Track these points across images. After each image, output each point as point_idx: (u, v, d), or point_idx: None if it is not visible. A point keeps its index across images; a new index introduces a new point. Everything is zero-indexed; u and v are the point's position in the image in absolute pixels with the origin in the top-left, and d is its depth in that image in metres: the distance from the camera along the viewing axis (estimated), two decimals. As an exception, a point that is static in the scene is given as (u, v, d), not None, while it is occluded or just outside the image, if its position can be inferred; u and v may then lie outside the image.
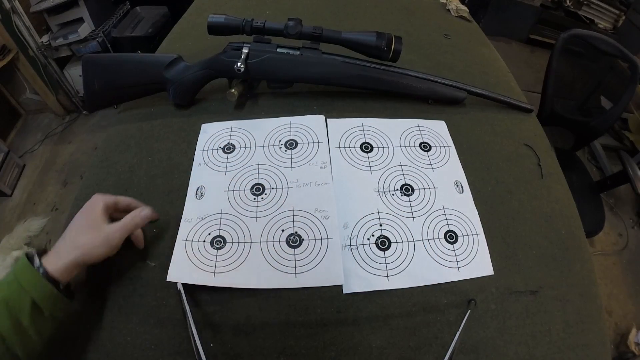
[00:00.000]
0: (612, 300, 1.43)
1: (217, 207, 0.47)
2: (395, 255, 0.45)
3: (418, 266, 0.44)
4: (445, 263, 0.45)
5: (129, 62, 0.59)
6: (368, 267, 0.44)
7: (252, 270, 0.43)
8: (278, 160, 0.52)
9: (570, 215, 0.51)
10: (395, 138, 0.56)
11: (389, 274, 0.43)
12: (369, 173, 0.52)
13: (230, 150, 0.53)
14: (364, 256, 0.45)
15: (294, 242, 0.45)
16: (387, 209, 0.48)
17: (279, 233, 0.45)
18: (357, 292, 0.42)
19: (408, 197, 0.50)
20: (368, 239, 0.46)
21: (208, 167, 0.52)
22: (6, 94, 1.99)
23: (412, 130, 0.57)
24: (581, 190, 1.18)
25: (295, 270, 0.43)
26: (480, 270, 0.45)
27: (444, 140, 0.57)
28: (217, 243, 0.44)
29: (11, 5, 1.64)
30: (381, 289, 0.43)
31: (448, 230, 0.47)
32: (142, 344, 0.40)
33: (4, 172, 1.73)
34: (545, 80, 1.14)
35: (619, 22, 2.17)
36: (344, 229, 0.46)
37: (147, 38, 1.85)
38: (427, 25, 0.83)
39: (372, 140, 0.55)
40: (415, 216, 0.48)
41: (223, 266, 0.43)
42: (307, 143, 0.54)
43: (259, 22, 0.53)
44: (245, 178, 0.50)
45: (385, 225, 0.47)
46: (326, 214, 0.47)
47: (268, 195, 0.48)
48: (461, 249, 0.46)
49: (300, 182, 0.50)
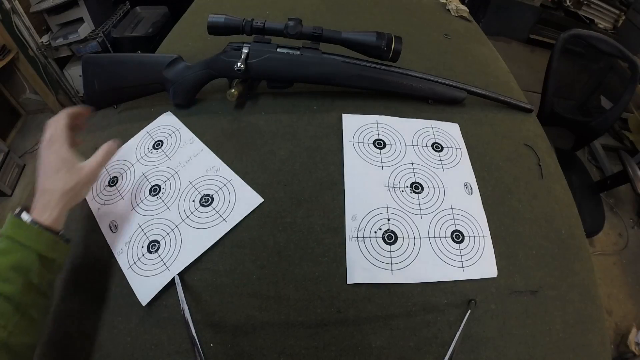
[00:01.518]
0: (612, 300, 1.43)
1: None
2: (401, 251, 0.45)
3: (423, 263, 0.45)
4: (450, 262, 0.45)
5: (129, 62, 0.59)
6: (373, 260, 0.44)
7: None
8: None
9: (570, 215, 0.51)
10: (408, 137, 0.57)
11: (394, 268, 0.44)
12: (380, 169, 0.52)
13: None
14: (370, 249, 0.45)
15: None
16: (396, 204, 0.49)
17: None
18: (360, 283, 0.43)
19: (417, 195, 0.50)
20: (375, 232, 0.46)
21: None
22: (6, 94, 1.99)
23: (425, 131, 0.58)
24: (581, 190, 1.18)
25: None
26: (484, 271, 0.45)
27: (457, 143, 0.57)
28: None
29: (11, 5, 1.64)
30: (385, 282, 0.43)
31: (455, 230, 0.47)
32: (142, 344, 0.40)
33: (4, 172, 1.73)
34: (545, 80, 1.14)
35: (619, 22, 2.17)
36: (352, 220, 0.47)
37: (147, 38, 1.85)
38: (427, 25, 0.83)
39: (385, 137, 0.56)
40: (423, 214, 0.48)
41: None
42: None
43: (259, 22, 0.53)
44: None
45: (393, 221, 0.47)
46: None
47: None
48: (467, 249, 0.46)
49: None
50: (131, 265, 0.45)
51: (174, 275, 0.43)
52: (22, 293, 0.34)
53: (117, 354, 0.40)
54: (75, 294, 0.44)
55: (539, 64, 2.24)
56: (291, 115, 0.59)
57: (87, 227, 0.50)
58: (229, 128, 0.58)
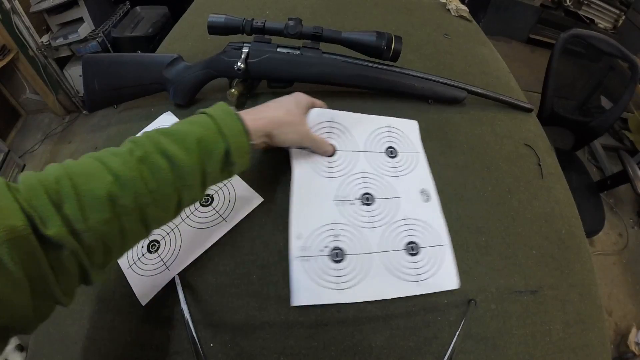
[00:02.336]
0: (612, 300, 1.43)
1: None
2: (350, 269, 0.43)
3: (373, 279, 0.42)
4: (403, 276, 0.43)
5: (129, 62, 0.59)
6: (319, 280, 0.42)
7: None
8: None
9: (570, 215, 0.51)
10: (361, 139, 0.53)
11: (341, 287, 0.42)
12: (328, 180, 0.49)
13: None
14: (315, 268, 0.42)
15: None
16: (345, 219, 0.46)
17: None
18: (305, 305, 0.41)
19: (368, 207, 0.47)
20: (321, 250, 0.43)
21: None
22: (6, 94, 1.99)
23: (381, 132, 0.54)
24: (581, 190, 1.18)
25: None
26: (443, 283, 0.43)
27: (413, 146, 0.54)
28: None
29: (11, 5, 1.64)
30: (331, 302, 0.41)
31: (409, 242, 0.45)
32: (142, 344, 0.40)
33: (4, 172, 1.73)
34: (545, 80, 1.14)
35: (619, 22, 2.17)
36: (297, 239, 0.44)
37: (147, 38, 1.85)
38: (427, 25, 0.83)
39: (337, 142, 0.51)
40: (375, 227, 0.46)
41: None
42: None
43: (259, 22, 0.53)
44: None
45: (341, 237, 0.45)
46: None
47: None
48: (423, 262, 0.44)
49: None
50: (131, 265, 0.45)
51: (174, 275, 0.43)
52: (191, 170, 0.33)
53: (117, 354, 0.40)
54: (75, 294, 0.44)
55: (539, 64, 2.23)
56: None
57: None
58: (229, 128, 0.58)
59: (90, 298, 0.44)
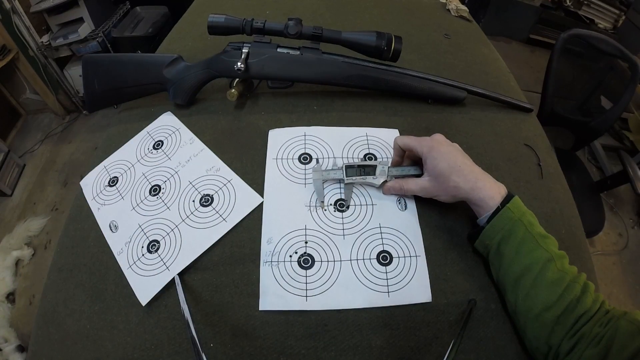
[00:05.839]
0: (612, 300, 1.42)
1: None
2: (318, 275, 0.42)
3: (342, 287, 0.42)
4: (373, 286, 0.42)
5: (129, 62, 0.59)
6: (286, 285, 0.42)
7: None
8: None
9: (570, 215, 0.51)
10: (337, 148, 0.53)
11: (308, 294, 0.41)
12: (302, 186, 0.49)
13: None
14: (283, 274, 0.43)
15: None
16: (316, 225, 0.46)
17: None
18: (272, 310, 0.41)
19: (341, 214, 0.47)
20: (290, 256, 0.44)
21: None
22: (6, 94, 1.99)
23: (358, 140, 0.54)
24: (581, 190, 1.18)
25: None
26: (415, 296, 0.42)
27: (392, 152, 0.52)
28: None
29: (11, 5, 1.64)
30: (298, 309, 0.41)
31: (382, 251, 0.44)
32: (142, 344, 0.40)
33: (4, 172, 1.73)
34: (545, 80, 1.14)
35: (619, 22, 2.17)
36: (267, 244, 0.44)
37: (147, 38, 1.85)
38: (427, 25, 0.83)
39: (312, 151, 0.52)
40: (346, 234, 0.45)
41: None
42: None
43: (259, 22, 0.53)
44: None
45: (311, 243, 0.45)
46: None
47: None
48: (395, 272, 0.43)
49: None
50: (131, 265, 0.45)
51: (174, 275, 0.43)
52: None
53: (117, 354, 0.40)
54: (75, 294, 0.44)
55: (539, 64, 2.24)
56: (291, 115, 0.59)
57: (87, 227, 0.50)
58: (229, 128, 0.58)
59: (91, 298, 0.44)
